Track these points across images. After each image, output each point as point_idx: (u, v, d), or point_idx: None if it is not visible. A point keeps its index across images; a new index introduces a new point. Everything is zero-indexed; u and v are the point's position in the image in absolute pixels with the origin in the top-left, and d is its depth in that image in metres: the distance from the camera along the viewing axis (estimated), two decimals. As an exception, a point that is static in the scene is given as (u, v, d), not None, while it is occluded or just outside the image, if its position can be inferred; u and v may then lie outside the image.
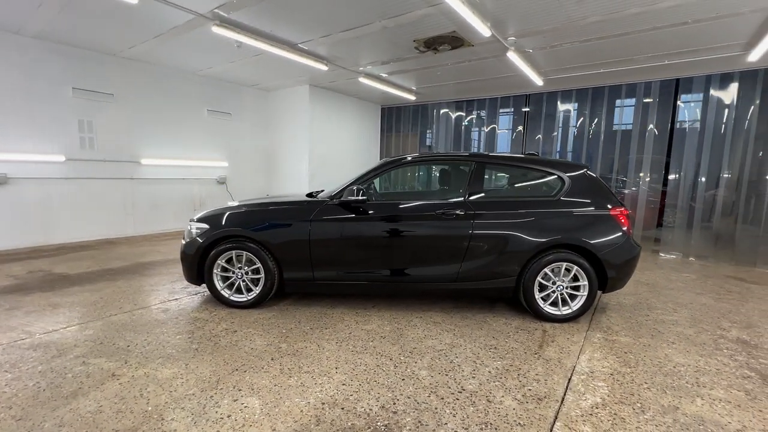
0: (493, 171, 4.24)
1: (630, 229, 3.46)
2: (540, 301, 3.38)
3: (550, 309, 3.38)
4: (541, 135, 8.43)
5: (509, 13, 4.49)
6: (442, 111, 9.74)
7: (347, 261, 3.48)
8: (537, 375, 2.50)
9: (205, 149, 8.11)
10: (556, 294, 3.37)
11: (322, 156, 8.88)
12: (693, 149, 6.77)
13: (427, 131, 10.15)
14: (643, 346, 2.99)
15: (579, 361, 2.70)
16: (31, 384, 2.27)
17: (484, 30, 4.64)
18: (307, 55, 6.11)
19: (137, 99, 6.93)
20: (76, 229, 6.41)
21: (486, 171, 3.65)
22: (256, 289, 3.53)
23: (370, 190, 3.74)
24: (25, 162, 5.79)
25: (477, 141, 9.56)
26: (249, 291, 3.55)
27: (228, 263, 3.54)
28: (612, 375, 2.53)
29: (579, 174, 3.53)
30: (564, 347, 2.91)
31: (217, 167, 8.37)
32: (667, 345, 3.01)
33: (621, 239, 3.33)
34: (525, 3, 4.22)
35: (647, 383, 2.44)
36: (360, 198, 3.40)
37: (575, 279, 3.35)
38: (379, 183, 4.87)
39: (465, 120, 9.47)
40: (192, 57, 6.59)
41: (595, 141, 7.78)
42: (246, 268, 3.52)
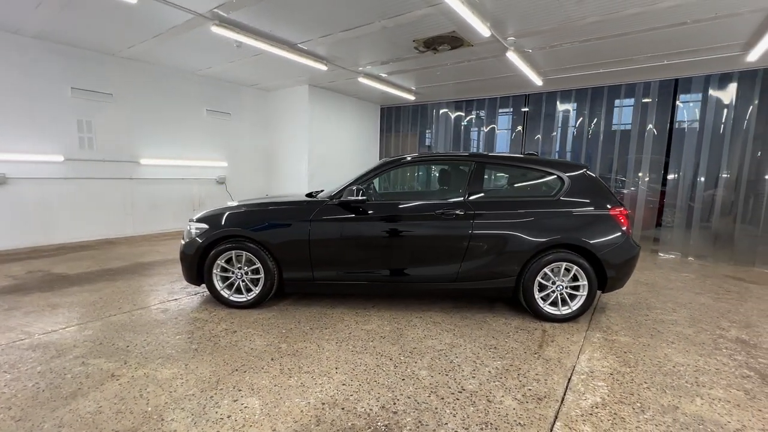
0: (493, 171, 4.24)
1: (629, 229, 3.47)
2: (540, 301, 3.38)
3: (549, 309, 3.38)
4: (541, 135, 8.44)
5: (509, 13, 4.50)
6: (441, 111, 9.74)
7: (347, 261, 3.48)
8: (537, 375, 2.51)
9: (205, 149, 8.10)
10: (555, 294, 3.37)
11: (321, 156, 8.88)
12: (692, 149, 6.78)
13: (427, 131, 10.15)
14: (643, 345, 2.99)
15: (579, 361, 2.70)
16: (31, 384, 2.26)
17: (483, 30, 4.64)
18: (307, 55, 6.10)
19: (136, 99, 6.93)
20: (75, 229, 6.41)
21: (485, 171, 3.65)
22: (255, 290, 3.53)
23: (369, 190, 3.74)
24: (25, 162, 5.78)
25: (476, 141, 9.56)
26: (249, 291, 3.55)
27: (227, 263, 3.53)
28: (612, 375, 2.53)
29: (578, 174, 3.53)
30: (564, 347, 2.92)
31: (217, 167, 8.36)
32: (667, 345, 3.01)
33: (620, 239, 3.33)
34: (525, 3, 4.22)
35: (647, 383, 2.44)
36: (359, 198, 3.40)
37: (575, 279, 3.35)
38: (379, 183, 4.86)
39: (464, 120, 9.47)
40: (191, 57, 6.58)
41: (594, 141, 7.79)
42: (246, 268, 3.52)
